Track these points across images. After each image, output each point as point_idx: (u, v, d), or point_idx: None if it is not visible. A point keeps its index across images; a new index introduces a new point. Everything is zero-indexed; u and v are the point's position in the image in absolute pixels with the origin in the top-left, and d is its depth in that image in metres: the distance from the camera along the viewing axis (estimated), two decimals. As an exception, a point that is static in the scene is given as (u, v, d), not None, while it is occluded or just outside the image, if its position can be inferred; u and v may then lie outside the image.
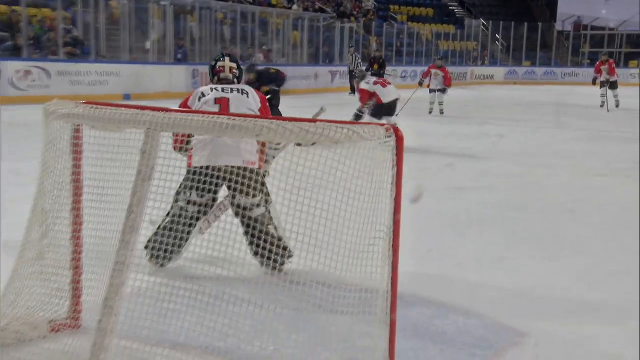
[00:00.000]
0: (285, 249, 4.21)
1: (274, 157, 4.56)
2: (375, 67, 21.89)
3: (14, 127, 11.97)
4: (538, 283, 4.65)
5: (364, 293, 2.92)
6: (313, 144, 2.87)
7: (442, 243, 5.50)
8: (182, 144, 4.33)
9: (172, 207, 4.27)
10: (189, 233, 4.14)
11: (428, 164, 9.17)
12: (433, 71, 17.21)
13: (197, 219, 4.31)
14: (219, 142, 4.27)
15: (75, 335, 3.28)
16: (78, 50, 18.68)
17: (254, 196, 4.26)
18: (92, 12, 19.51)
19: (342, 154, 2.85)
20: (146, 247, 4.13)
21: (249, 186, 3.99)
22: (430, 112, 16.98)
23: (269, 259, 3.92)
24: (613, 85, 19.29)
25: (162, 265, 4.18)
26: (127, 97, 17.47)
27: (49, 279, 3.37)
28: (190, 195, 4.29)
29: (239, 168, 3.98)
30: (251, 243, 4.13)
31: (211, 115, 2.86)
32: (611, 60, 19.96)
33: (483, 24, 37.32)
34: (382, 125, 2.85)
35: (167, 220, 4.19)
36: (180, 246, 4.10)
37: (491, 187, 7.98)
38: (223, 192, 4.45)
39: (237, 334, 3.35)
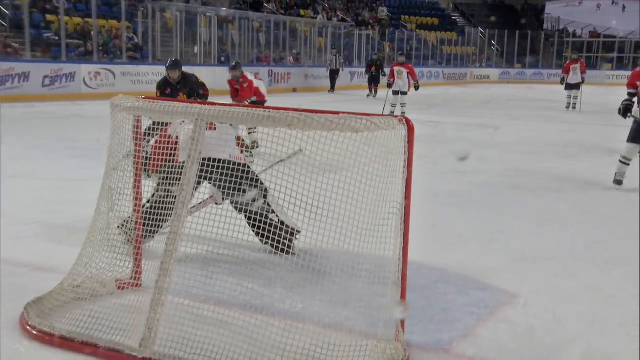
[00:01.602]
0: (289, 231, 3.86)
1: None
2: (373, 69, 20.85)
3: (86, 119, 12.08)
4: (527, 252, 4.61)
5: (378, 260, 2.91)
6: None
7: (445, 219, 5.47)
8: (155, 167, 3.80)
9: (152, 195, 3.87)
10: (163, 221, 3.43)
11: (433, 151, 9.10)
12: (396, 69, 14.17)
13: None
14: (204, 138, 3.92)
15: (137, 292, 3.30)
16: (138, 55, 18.77)
17: (248, 192, 3.92)
18: (150, 22, 19.60)
19: (360, 141, 2.83)
20: (120, 227, 3.54)
21: (241, 183, 3.66)
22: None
23: (278, 243, 3.55)
24: (577, 86, 16.92)
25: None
26: (178, 94, 17.52)
27: (115, 245, 3.40)
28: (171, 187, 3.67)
29: (227, 162, 3.46)
30: (257, 234, 3.83)
31: (248, 108, 2.85)
32: (582, 60, 17.67)
33: (480, 32, 36.91)
34: (396, 117, 2.82)
35: (147, 206, 3.68)
36: (152, 232, 3.53)
37: (488, 171, 7.90)
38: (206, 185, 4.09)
39: (271, 294, 3.37)
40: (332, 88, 22.34)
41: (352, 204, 2.86)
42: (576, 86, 16.73)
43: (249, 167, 4.00)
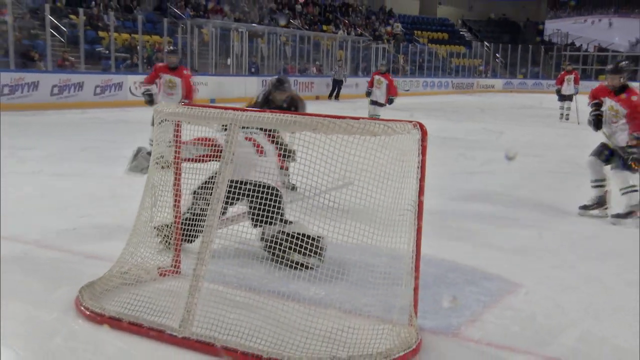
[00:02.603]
0: (313, 250, 3.40)
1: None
2: None
3: (131, 124, 12.20)
4: (528, 244, 4.56)
5: (394, 252, 2.89)
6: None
7: (454, 214, 5.42)
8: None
9: (190, 206, 3.65)
10: (198, 232, 3.37)
11: (444, 154, 9.02)
12: (376, 78, 12.14)
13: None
14: (244, 157, 3.59)
15: (177, 279, 3.32)
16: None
17: (276, 223, 3.54)
18: (188, 38, 19.72)
19: (379, 144, 2.80)
20: (158, 231, 3.45)
21: (270, 211, 3.31)
22: None
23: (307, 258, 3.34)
24: (570, 98, 15.20)
25: (169, 249, 3.53)
26: (212, 101, 17.59)
27: (158, 236, 3.42)
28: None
29: (262, 186, 3.32)
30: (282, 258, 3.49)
31: (277, 113, 2.85)
32: (576, 71, 15.87)
33: (486, 46, 36.57)
34: (410, 122, 2.80)
35: (186, 215, 3.55)
36: (188, 241, 3.51)
37: (494, 172, 7.82)
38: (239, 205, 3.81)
39: (296, 282, 3.37)
40: (335, 97, 22.00)
41: (370, 201, 2.85)
42: (569, 97, 15.39)
43: (278, 192, 3.57)
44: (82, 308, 3.00)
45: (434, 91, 29.00)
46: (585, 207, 5.38)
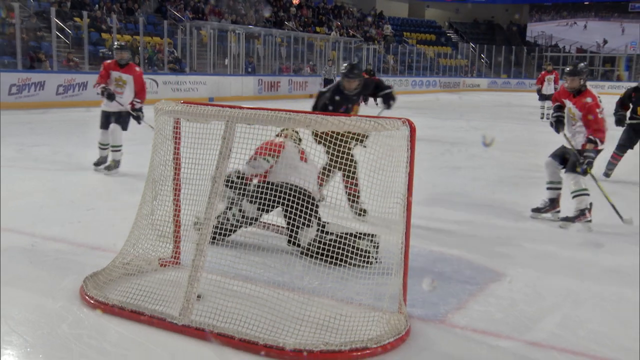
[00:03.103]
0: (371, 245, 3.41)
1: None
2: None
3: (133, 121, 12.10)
4: (512, 236, 4.56)
5: (384, 243, 2.88)
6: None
7: (441, 207, 5.41)
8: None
9: (228, 207, 3.66)
10: (232, 231, 3.57)
11: (431, 149, 9.03)
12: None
13: (241, 226, 3.72)
14: (291, 166, 3.58)
15: (176, 269, 3.31)
16: (177, 66, 18.79)
17: (310, 226, 3.51)
18: (187, 39, 19.63)
19: (369, 140, 2.79)
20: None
21: (306, 215, 3.27)
22: None
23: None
24: (550, 97, 13.49)
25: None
26: (211, 99, 17.54)
27: (158, 228, 3.40)
28: (247, 208, 3.67)
29: (299, 189, 3.32)
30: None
31: (273, 111, 2.83)
32: (556, 71, 15.17)
33: (472, 47, 36.58)
34: (400, 118, 2.78)
35: (220, 216, 3.58)
36: (222, 239, 3.34)
37: (478, 167, 7.82)
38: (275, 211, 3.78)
39: (291, 272, 3.36)
40: None
41: (362, 194, 2.83)
42: (549, 97, 14.17)
43: (314, 199, 3.55)
44: (87, 297, 2.99)
45: (422, 90, 28.99)
46: (537, 210, 5.10)
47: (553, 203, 5.08)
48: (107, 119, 6.65)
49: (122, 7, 19.79)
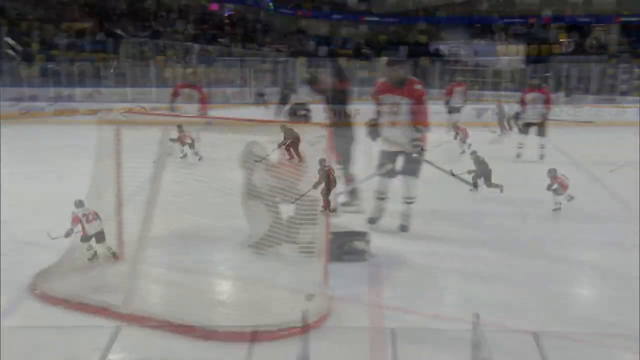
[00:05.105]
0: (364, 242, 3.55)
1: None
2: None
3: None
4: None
5: (310, 236, 2.99)
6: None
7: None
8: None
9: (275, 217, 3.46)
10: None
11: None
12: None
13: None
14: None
15: (120, 263, 3.28)
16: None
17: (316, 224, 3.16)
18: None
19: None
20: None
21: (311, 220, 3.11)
22: None
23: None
24: (458, 110, 11.99)
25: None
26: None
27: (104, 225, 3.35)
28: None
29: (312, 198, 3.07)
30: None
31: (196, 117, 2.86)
32: (466, 83, 14.07)
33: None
34: (320, 124, 2.90)
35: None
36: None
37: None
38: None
39: (236, 264, 3.37)
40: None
41: (291, 191, 2.92)
42: (457, 109, 12.50)
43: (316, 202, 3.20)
44: (36, 292, 2.96)
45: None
46: (371, 221, 4.41)
47: (381, 214, 4.48)
48: None
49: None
